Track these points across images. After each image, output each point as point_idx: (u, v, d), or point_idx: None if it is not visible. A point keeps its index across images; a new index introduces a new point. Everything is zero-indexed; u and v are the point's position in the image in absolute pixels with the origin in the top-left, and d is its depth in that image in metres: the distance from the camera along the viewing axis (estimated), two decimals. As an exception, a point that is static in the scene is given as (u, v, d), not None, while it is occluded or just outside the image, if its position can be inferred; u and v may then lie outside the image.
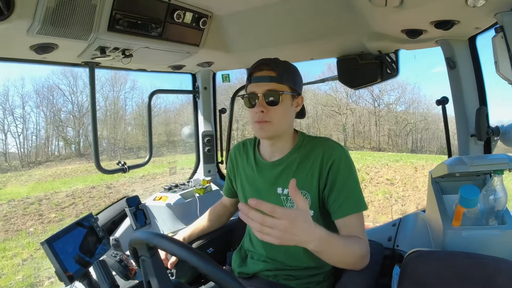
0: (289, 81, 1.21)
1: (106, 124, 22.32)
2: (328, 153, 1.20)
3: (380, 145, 24.03)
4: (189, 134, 2.63)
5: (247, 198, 1.34)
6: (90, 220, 1.33)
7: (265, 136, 1.23)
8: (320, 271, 1.27)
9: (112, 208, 2.16)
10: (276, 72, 1.19)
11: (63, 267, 1.13)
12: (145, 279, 0.96)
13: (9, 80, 24.98)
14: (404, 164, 14.11)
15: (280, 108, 1.20)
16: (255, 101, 1.20)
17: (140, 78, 15.49)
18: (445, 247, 1.19)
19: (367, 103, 25.67)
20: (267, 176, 1.30)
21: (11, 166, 19.22)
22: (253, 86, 1.21)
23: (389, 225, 1.71)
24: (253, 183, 1.34)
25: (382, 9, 1.18)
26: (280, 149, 1.29)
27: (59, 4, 1.09)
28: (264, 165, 1.32)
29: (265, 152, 1.34)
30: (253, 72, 1.23)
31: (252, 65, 1.25)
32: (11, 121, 20.49)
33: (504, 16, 1.09)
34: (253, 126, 1.22)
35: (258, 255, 1.34)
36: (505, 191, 1.17)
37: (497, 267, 1.01)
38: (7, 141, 20.02)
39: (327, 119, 25.10)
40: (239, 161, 1.42)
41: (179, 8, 1.43)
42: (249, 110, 1.24)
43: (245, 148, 1.42)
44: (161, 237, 0.90)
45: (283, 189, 1.26)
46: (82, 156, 20.81)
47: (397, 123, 24.69)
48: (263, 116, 1.18)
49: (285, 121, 1.23)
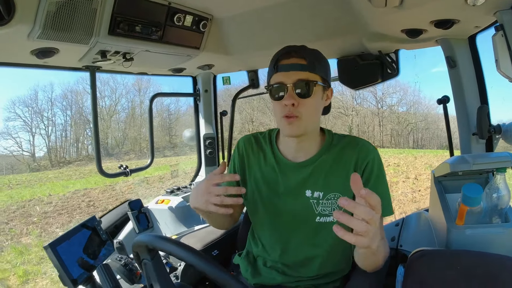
0: (321, 71, 1.09)
1: (130, 126, 23.66)
2: (363, 154, 1.13)
3: (383, 144, 25.41)
4: (190, 137, 2.63)
5: (263, 200, 1.21)
6: (94, 223, 1.33)
7: (295, 133, 1.09)
8: (338, 276, 1.23)
9: (114, 212, 2.16)
10: (308, 60, 1.06)
11: (66, 272, 1.12)
12: (148, 282, 0.95)
13: (38, 85, 26.84)
14: (406, 155, 16.81)
15: (312, 101, 1.07)
16: (283, 92, 1.06)
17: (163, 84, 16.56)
18: (449, 246, 1.18)
19: (370, 104, 27.27)
20: (292, 178, 1.17)
21: (40, 166, 20.57)
22: (281, 75, 1.07)
23: (392, 224, 1.70)
24: (273, 185, 1.20)
25: (382, 10, 1.18)
26: (307, 148, 1.17)
27: (59, 8, 1.09)
28: (288, 166, 1.18)
29: (288, 150, 1.20)
30: (279, 59, 1.08)
31: (278, 52, 1.11)
32: (40, 123, 21.88)
33: (504, 15, 1.09)
34: (280, 121, 1.09)
35: (271, 261, 1.24)
36: (508, 189, 1.16)
37: (502, 265, 1.01)
38: (34, 142, 21.35)
39: (334, 119, 26.34)
40: (251, 157, 1.25)
41: (179, 11, 1.43)
42: (275, 103, 1.09)
43: (258, 144, 1.26)
44: (162, 239, 0.89)
45: (313, 191, 1.15)
46: (111, 156, 22.17)
47: (399, 123, 26.34)
48: (293, 110, 1.05)
49: (316, 117, 1.13)
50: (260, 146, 1.25)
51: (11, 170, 19.40)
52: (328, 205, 1.14)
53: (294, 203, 1.17)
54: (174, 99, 24.91)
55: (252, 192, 1.24)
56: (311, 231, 1.17)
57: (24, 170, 19.65)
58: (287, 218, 1.19)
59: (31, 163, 20.83)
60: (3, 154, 20.29)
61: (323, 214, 1.15)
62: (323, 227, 1.15)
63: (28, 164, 20.69)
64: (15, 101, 21.97)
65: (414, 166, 14.28)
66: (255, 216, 1.26)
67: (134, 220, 2.06)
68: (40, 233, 8.22)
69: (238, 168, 1.27)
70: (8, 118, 22.15)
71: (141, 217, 2.11)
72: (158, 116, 23.51)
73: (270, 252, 1.24)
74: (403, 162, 15.28)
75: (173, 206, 2.19)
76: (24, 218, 9.82)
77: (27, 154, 21.26)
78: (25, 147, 21.24)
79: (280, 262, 1.22)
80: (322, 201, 1.14)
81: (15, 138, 21.25)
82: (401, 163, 15.09)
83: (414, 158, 15.94)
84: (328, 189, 1.14)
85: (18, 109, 21.65)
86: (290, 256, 1.21)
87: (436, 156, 16.74)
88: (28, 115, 21.78)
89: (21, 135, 22.22)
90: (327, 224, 1.14)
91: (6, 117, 22.89)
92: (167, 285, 0.94)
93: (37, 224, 9.14)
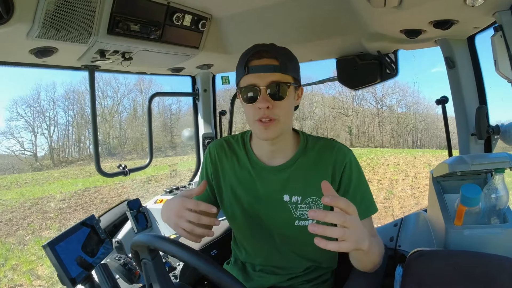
0: (293, 71, 1.06)
1: (132, 126, 24.31)
2: (340, 156, 1.12)
3: (383, 144, 26.11)
4: (189, 137, 2.63)
5: (243, 206, 1.19)
6: (92, 221, 1.32)
7: (271, 137, 1.06)
8: (324, 270, 1.25)
9: (113, 211, 2.16)
10: (280, 61, 1.03)
11: (65, 271, 1.12)
12: (147, 283, 0.95)
13: (40, 85, 27.97)
14: (406, 155, 17.59)
15: (287, 103, 1.05)
16: (256, 94, 1.02)
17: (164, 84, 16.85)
18: (447, 246, 1.18)
19: (370, 105, 27.97)
20: (270, 181, 1.15)
21: (43, 165, 21.18)
22: (252, 77, 1.03)
23: (390, 225, 1.70)
24: (251, 189, 1.18)
25: (381, 10, 1.18)
26: (282, 150, 1.15)
27: (58, 7, 1.09)
28: (264, 170, 1.16)
29: (263, 153, 1.17)
30: (249, 60, 1.04)
31: (246, 51, 1.07)
32: (42, 123, 22.65)
33: (503, 15, 1.10)
34: (254, 125, 1.06)
35: (259, 265, 1.25)
36: (506, 189, 1.16)
37: (500, 265, 1.01)
38: (37, 142, 22.03)
39: (334, 120, 27.12)
40: (224, 163, 1.22)
41: (178, 11, 1.43)
42: (247, 106, 1.06)
43: (231, 148, 1.22)
44: (162, 239, 0.89)
45: (291, 196, 1.13)
46: (114, 156, 22.72)
47: (398, 124, 27.01)
48: (268, 112, 1.02)
49: (290, 118, 1.10)
50: (233, 150, 1.22)
51: (12, 169, 19.72)
52: (307, 209, 1.13)
53: (272, 208, 1.16)
54: (176, 99, 25.11)
55: (229, 198, 1.21)
56: (292, 234, 1.16)
57: (26, 169, 19.99)
58: (267, 222, 1.18)
59: (33, 163, 21.24)
60: (5, 154, 20.79)
61: (301, 218, 1.14)
62: (303, 230, 1.13)
63: (30, 163, 21.07)
64: (17, 101, 22.64)
65: (413, 165, 14.97)
66: (235, 222, 1.24)
67: (133, 219, 2.06)
68: (60, 227, 8.71)
69: (211, 176, 1.24)
70: (11, 118, 23.02)
71: (140, 216, 2.11)
72: (160, 116, 23.89)
73: (255, 257, 1.24)
74: (402, 161, 15.97)
75: (172, 206, 2.18)
76: (40, 214, 10.26)
77: (29, 154, 21.72)
78: (27, 147, 21.73)
79: (268, 265, 1.22)
80: (300, 205, 1.13)
81: (17, 138, 21.75)
82: (400, 162, 15.77)
83: (413, 158, 16.56)
84: (306, 193, 1.12)
85: (20, 109, 22.26)
86: (276, 258, 1.21)
87: (435, 155, 17.27)
88: (30, 115, 22.35)
89: (23, 135, 22.78)
90: (306, 228, 1.12)
91: (9, 116, 23.67)
92: (167, 285, 0.94)
93: (55, 220, 9.56)
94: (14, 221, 9.70)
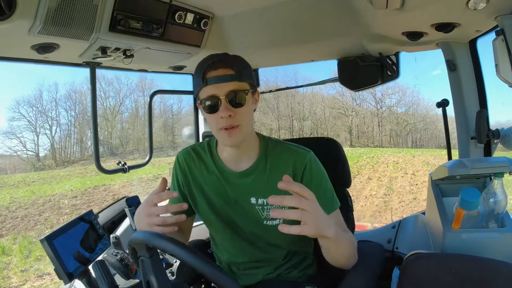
0: (248, 77, 1.11)
1: (134, 126, 24.76)
2: (300, 157, 1.17)
3: (382, 144, 26.25)
4: (190, 135, 2.63)
5: (216, 209, 1.23)
6: (91, 217, 1.33)
7: (236, 143, 1.10)
8: (304, 254, 1.32)
9: (111, 208, 2.16)
10: (235, 70, 1.07)
11: (62, 265, 1.13)
12: (144, 279, 0.95)
13: (43, 85, 28.27)
14: (405, 154, 18.51)
15: (247, 109, 1.10)
16: (217, 105, 1.06)
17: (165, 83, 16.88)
18: (445, 249, 1.19)
19: (370, 105, 28.57)
20: (237, 186, 1.20)
21: (45, 165, 21.55)
22: (211, 88, 1.06)
23: (388, 227, 1.71)
24: (221, 193, 1.22)
25: (382, 11, 1.18)
26: (247, 154, 1.19)
27: (60, 4, 1.09)
28: (231, 175, 1.20)
29: (229, 160, 1.21)
30: (205, 71, 1.07)
31: (200, 63, 1.12)
32: (45, 123, 23.17)
33: (505, 19, 1.10)
34: (219, 134, 1.10)
35: (243, 263, 1.29)
36: (505, 194, 1.16)
37: (497, 270, 1.01)
38: (39, 142, 22.40)
39: (334, 120, 27.69)
40: (194, 170, 1.25)
41: (180, 9, 1.43)
42: (209, 116, 1.10)
43: (198, 156, 1.26)
44: (161, 237, 0.90)
45: (258, 199, 1.19)
46: (116, 155, 22.96)
47: (398, 124, 27.12)
48: (230, 120, 1.06)
49: (251, 122, 1.16)
50: (200, 158, 1.25)
51: (13, 169, 19.89)
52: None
53: (242, 210, 1.21)
54: (178, 100, 25.13)
55: (202, 203, 1.24)
56: (263, 232, 1.22)
57: (28, 169, 20.25)
58: (240, 224, 1.23)
59: (35, 163, 21.53)
60: (7, 153, 21.10)
61: (269, 218, 1.19)
62: (272, 228, 1.20)
63: (32, 163, 21.34)
64: (20, 101, 22.86)
65: (412, 163, 15.73)
66: (212, 227, 1.29)
67: (131, 216, 2.06)
68: (76, 222, 9.03)
69: (182, 184, 1.26)
70: (13, 118, 23.30)
71: (139, 214, 2.11)
72: (161, 116, 24.04)
73: (238, 256, 1.28)
74: (401, 160, 16.83)
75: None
76: (55, 210, 10.61)
77: (31, 154, 21.98)
78: (29, 147, 22.00)
79: (251, 261, 1.27)
80: (266, 206, 1.18)
81: (19, 138, 21.95)
82: (400, 161, 16.62)
83: (412, 157, 17.44)
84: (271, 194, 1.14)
85: (22, 109, 22.64)
86: (256, 253, 1.26)
87: (433, 155, 17.98)
88: (33, 115, 22.70)
89: (25, 135, 22.80)
90: (274, 227, 1.19)
91: (11, 117, 23.81)
92: (164, 283, 0.94)
93: (70, 215, 9.83)
94: (30, 216, 10.04)
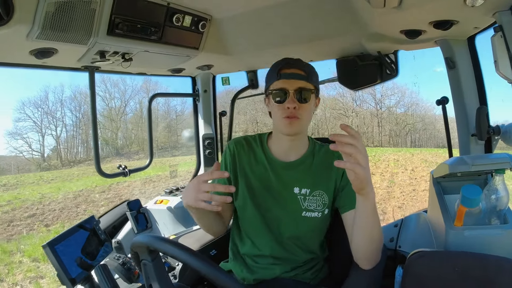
0: (315, 82, 1.28)
1: (139, 126, 25.10)
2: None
3: (382, 144, 27.25)
4: (189, 137, 2.63)
5: (255, 195, 1.33)
6: (92, 223, 1.33)
7: (294, 131, 1.25)
8: (319, 259, 1.38)
9: (113, 212, 2.16)
10: (306, 72, 1.24)
11: (65, 271, 1.12)
12: (147, 283, 0.95)
13: (49, 87, 29.44)
14: (404, 153, 19.56)
15: (308, 106, 1.25)
16: (285, 97, 1.23)
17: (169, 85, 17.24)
18: (448, 247, 1.18)
19: (370, 106, 29.24)
20: (283, 175, 1.32)
21: (51, 165, 21.94)
22: (283, 82, 1.24)
23: (391, 225, 1.70)
24: (265, 182, 1.33)
25: (380, 10, 1.18)
26: (297, 147, 1.33)
27: (58, 8, 1.09)
28: (279, 165, 1.33)
29: (280, 150, 1.34)
30: (281, 68, 1.25)
31: (278, 62, 1.29)
32: (50, 124, 23.48)
33: (503, 16, 1.09)
34: (280, 121, 1.24)
35: (262, 256, 1.33)
36: (507, 190, 1.16)
37: (500, 266, 1.00)
38: (44, 143, 22.89)
39: (335, 120, 28.28)
40: (243, 157, 1.37)
41: (178, 12, 1.43)
42: (276, 105, 1.25)
43: (249, 145, 1.39)
44: (163, 240, 0.89)
45: (301, 189, 1.30)
46: (122, 155, 23.52)
47: (397, 124, 28.20)
48: (294, 112, 1.22)
49: (310, 119, 1.31)
50: (251, 147, 1.38)
51: (17, 169, 20.27)
52: (314, 201, 1.30)
53: (283, 199, 1.31)
54: (182, 101, 25.33)
55: (243, 189, 1.34)
56: (297, 224, 1.30)
57: (34, 169, 20.55)
58: (276, 213, 1.32)
59: (41, 163, 21.88)
60: (12, 154, 21.53)
61: (308, 209, 1.30)
62: (307, 220, 1.30)
63: (38, 163, 21.71)
64: (25, 102, 23.30)
65: (411, 161, 17.09)
66: (245, 213, 1.35)
67: (133, 220, 2.06)
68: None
69: (230, 168, 1.37)
70: (19, 119, 23.73)
71: (140, 217, 2.11)
72: (167, 117, 24.33)
73: (260, 248, 1.33)
74: (401, 158, 18.12)
75: (172, 207, 2.19)
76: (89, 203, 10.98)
77: (36, 154, 22.40)
78: (35, 147, 22.37)
79: (271, 256, 1.32)
80: (308, 197, 1.30)
81: (25, 139, 22.32)
82: (400, 158, 17.91)
83: (411, 155, 18.71)
84: (314, 187, 1.30)
85: (28, 110, 22.95)
86: (280, 250, 1.32)
87: (431, 153, 19.25)
88: (38, 116, 23.02)
89: (31, 136, 23.16)
90: (311, 219, 1.30)
91: (16, 118, 24.15)
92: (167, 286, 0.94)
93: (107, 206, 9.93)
94: (68, 209, 10.49)
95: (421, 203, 9.91)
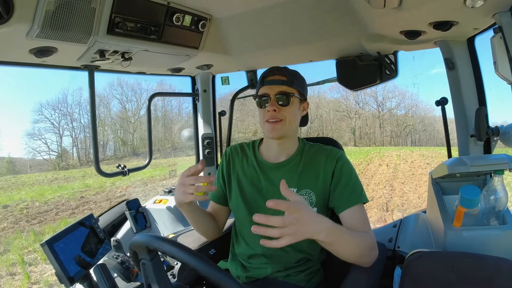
0: (298, 86, 1.32)
1: (154, 127, 26.17)
2: (331, 155, 1.33)
3: (383, 144, 28.51)
4: (189, 137, 2.62)
5: (248, 198, 1.38)
6: (91, 221, 1.32)
7: (277, 135, 1.30)
8: (314, 261, 1.37)
9: (112, 211, 2.16)
10: (287, 77, 1.30)
11: (63, 269, 1.12)
12: (145, 283, 0.95)
13: (68, 90, 30.84)
14: (405, 151, 22.18)
15: (291, 109, 1.29)
16: (267, 101, 1.29)
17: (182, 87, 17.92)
18: (446, 247, 1.18)
19: (372, 108, 30.84)
20: (271, 177, 1.36)
21: (69, 165, 23.47)
22: (266, 88, 1.31)
23: (389, 226, 1.70)
24: (256, 184, 1.38)
25: (380, 11, 1.18)
26: (286, 150, 1.37)
27: (58, 7, 1.09)
28: (268, 167, 1.38)
29: (269, 153, 1.40)
30: (265, 76, 1.33)
31: (264, 71, 1.36)
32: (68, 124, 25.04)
33: (503, 17, 1.10)
34: (264, 125, 1.31)
35: (256, 256, 1.36)
36: (505, 191, 1.16)
37: (499, 267, 1.01)
38: (62, 144, 24.29)
39: (339, 122, 29.88)
40: (236, 161, 1.45)
41: (178, 11, 1.43)
42: (260, 110, 1.33)
43: (243, 151, 1.47)
44: (162, 240, 0.89)
45: (289, 187, 1.28)
46: (138, 155, 24.74)
47: (398, 125, 29.30)
48: (275, 114, 1.27)
49: (294, 122, 1.33)
50: (244, 151, 1.47)
51: (35, 168, 21.28)
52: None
53: (272, 198, 1.25)
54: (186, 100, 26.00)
55: (236, 191, 1.41)
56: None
57: (51, 169, 21.83)
58: (265, 212, 1.28)
59: (59, 162, 23.27)
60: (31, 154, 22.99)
61: None
62: None
63: (57, 163, 23.13)
64: (44, 104, 24.94)
65: (411, 156, 20.15)
66: (238, 214, 1.41)
67: (132, 219, 2.06)
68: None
69: (225, 172, 1.46)
70: (37, 120, 25.14)
71: (139, 216, 2.11)
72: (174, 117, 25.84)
73: (254, 247, 1.36)
74: (403, 154, 20.95)
75: (171, 206, 2.19)
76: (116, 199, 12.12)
77: (53, 154, 23.89)
78: (52, 147, 23.84)
79: (265, 255, 1.35)
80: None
81: (43, 139, 23.66)
82: (401, 154, 20.95)
83: (411, 152, 21.57)
84: (301, 186, 1.33)
85: (46, 112, 24.54)
86: (273, 249, 1.30)
87: (429, 150, 21.57)
88: (57, 118, 24.63)
89: (49, 137, 24.28)
90: None
91: (35, 119, 25.71)
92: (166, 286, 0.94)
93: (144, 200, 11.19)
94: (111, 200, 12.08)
95: (417, 181, 12.78)
